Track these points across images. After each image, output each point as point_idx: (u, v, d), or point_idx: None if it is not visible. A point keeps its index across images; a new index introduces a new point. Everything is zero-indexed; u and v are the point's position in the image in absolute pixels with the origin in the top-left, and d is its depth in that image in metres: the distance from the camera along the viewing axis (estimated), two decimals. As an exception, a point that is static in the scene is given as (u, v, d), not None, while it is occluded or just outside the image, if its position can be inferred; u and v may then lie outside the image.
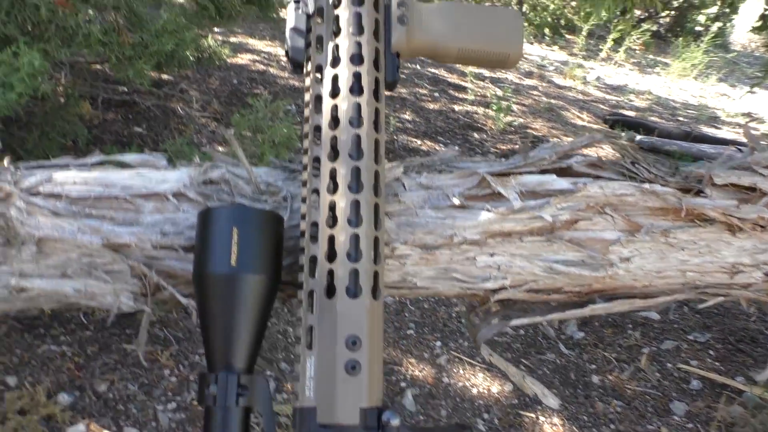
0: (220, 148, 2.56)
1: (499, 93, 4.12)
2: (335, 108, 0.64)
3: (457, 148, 0.77)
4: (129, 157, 0.73)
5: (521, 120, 3.72)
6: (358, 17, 0.66)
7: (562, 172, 0.76)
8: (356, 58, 0.65)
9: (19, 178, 0.65)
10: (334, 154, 0.63)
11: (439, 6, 0.70)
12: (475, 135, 3.34)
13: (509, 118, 3.63)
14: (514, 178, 0.73)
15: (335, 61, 0.65)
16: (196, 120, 2.72)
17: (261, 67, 3.63)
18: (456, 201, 0.69)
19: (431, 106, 3.65)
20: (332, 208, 0.61)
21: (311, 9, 0.66)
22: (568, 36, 6.82)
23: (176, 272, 0.66)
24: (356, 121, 0.63)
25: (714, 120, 4.89)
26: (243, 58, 3.68)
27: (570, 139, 3.47)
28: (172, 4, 2.13)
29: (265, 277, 0.59)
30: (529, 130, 3.57)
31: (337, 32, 0.66)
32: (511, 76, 5.00)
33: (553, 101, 4.37)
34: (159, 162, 0.73)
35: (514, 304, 0.79)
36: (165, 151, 1.95)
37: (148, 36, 1.76)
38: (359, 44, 0.65)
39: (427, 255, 0.70)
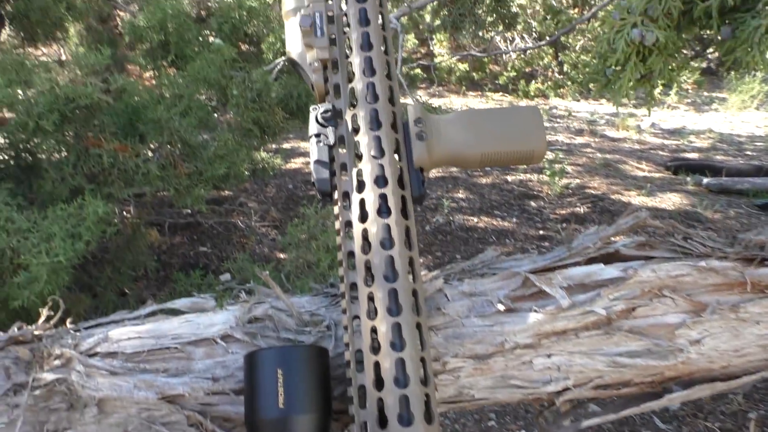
0: (282, 255, 2.63)
1: (551, 156, 4.09)
2: (365, 232, 0.64)
3: (497, 249, 0.75)
4: (179, 303, 0.75)
5: (578, 181, 3.65)
6: (378, 140, 0.67)
7: (610, 258, 0.73)
8: (380, 180, 0.66)
9: (78, 340, 0.68)
10: (370, 278, 0.63)
11: (456, 116, 0.72)
12: (532, 203, 3.30)
13: (565, 181, 3.57)
14: (560, 273, 0.70)
15: (361, 186, 0.66)
16: (256, 230, 2.81)
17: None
18: (501, 307, 0.67)
19: (483, 180, 3.65)
20: (374, 333, 0.61)
21: (332, 140, 0.69)
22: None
23: (231, 416, 0.66)
24: (388, 242, 0.64)
25: (785, 149, 4.66)
26: (296, 162, 3.83)
27: (633, 193, 3.37)
28: (221, 128, 2.27)
29: (315, 415, 0.59)
30: (587, 190, 3.49)
31: (359, 157, 0.68)
32: (561, 137, 4.97)
33: (608, 156, 4.29)
34: (207, 303, 0.75)
35: (583, 403, 0.74)
36: (228, 269, 2.01)
37: (202, 164, 1.87)
38: (382, 166, 0.66)
39: (481, 365, 0.68)
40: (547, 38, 6.54)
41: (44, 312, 0.74)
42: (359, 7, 0.73)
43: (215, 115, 2.16)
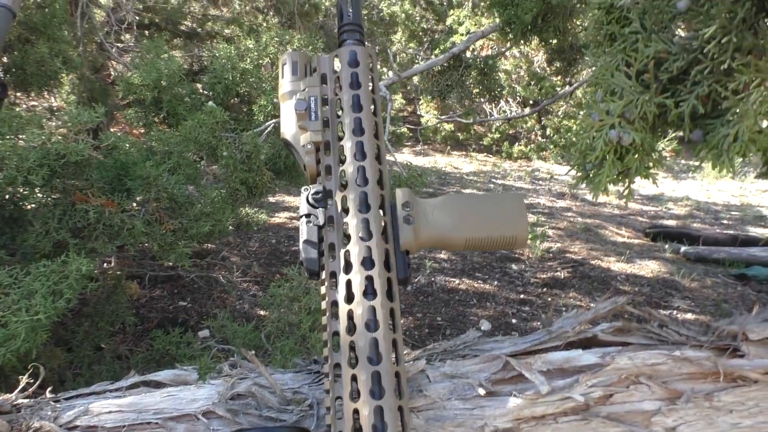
0: (262, 312, 2.61)
1: (533, 219, 4.15)
2: (351, 313, 0.66)
3: (478, 332, 0.76)
4: (162, 375, 0.75)
5: (559, 245, 3.70)
6: (366, 223, 0.70)
7: (588, 342, 0.75)
8: (367, 262, 0.68)
9: (58, 413, 0.68)
10: (354, 360, 0.64)
11: (442, 201, 0.74)
12: (514, 266, 3.33)
13: (546, 245, 3.62)
14: (540, 357, 0.72)
15: (348, 267, 0.68)
16: (237, 286, 2.80)
17: (297, 223, 3.78)
18: (482, 391, 0.68)
19: (467, 241, 3.68)
20: (356, 414, 0.62)
21: (322, 221, 0.71)
22: (594, 153, 6.95)
23: (209, 495, 0.65)
24: (372, 324, 0.65)
25: (760, 219, 4.78)
26: (280, 217, 3.85)
27: (612, 258, 3.42)
28: (207, 183, 2.29)
29: (295, 499, 0.59)
30: (568, 254, 3.54)
31: (347, 239, 0.70)
32: (543, 199, 5.06)
33: (588, 221, 4.37)
34: (190, 376, 0.75)
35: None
36: (209, 327, 1.99)
37: (187, 221, 1.87)
38: (369, 248, 0.68)
39: (461, 447, 0.69)
40: (531, 102, 6.74)
41: (23, 380, 0.74)
42: (353, 93, 0.76)
43: (203, 166, 2.18)
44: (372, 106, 0.77)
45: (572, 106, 6.80)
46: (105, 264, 2.21)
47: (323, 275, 0.70)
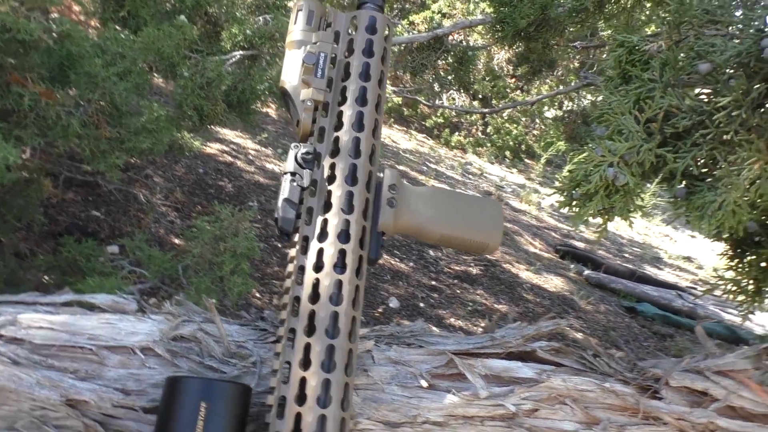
0: (177, 241, 2.53)
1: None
2: (317, 282, 0.65)
3: (423, 321, 0.78)
4: (99, 298, 0.72)
5: (477, 241, 3.81)
6: (350, 196, 0.69)
7: (527, 356, 0.78)
8: (343, 236, 0.67)
9: (-18, 315, 0.63)
10: (311, 329, 0.63)
11: (428, 191, 0.74)
12: (431, 252, 3.40)
13: (466, 239, 3.72)
14: (482, 362, 0.74)
15: (322, 235, 0.67)
16: (156, 208, 2.69)
17: (228, 158, 3.67)
18: (424, 383, 0.70)
19: (392, 217, 3.72)
20: (302, 384, 0.61)
21: (306, 183, 0.69)
22: (527, 160, 7.17)
23: (131, 432, 0.63)
24: (336, 297, 0.65)
25: (657, 260, 5.13)
26: (212, 147, 3.72)
27: (522, 266, 3.57)
28: (157, 97, 2.17)
29: (227, 455, 0.58)
30: (481, 257, 3.65)
31: (328, 207, 0.68)
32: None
33: (508, 225, 4.52)
34: (129, 306, 0.72)
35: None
36: (122, 246, 1.91)
37: (126, 132, 1.77)
38: (348, 222, 0.68)
39: (389, 431, 0.70)
40: (480, 97, 6.83)
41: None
42: (364, 61, 0.74)
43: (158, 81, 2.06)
44: (380, 78, 0.75)
45: (517, 111, 6.96)
46: (26, 158, 2.06)
47: (296, 238, 0.69)
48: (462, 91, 6.13)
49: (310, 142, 0.73)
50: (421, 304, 2.81)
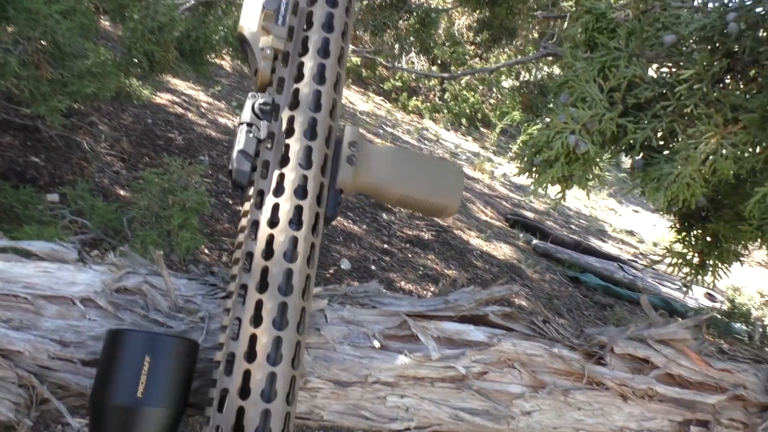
0: (122, 192, 2.44)
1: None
2: (271, 238, 0.63)
3: (379, 283, 0.77)
4: (37, 246, 0.68)
5: (430, 207, 3.83)
6: (309, 151, 0.66)
7: (479, 320, 0.79)
8: (300, 191, 0.65)
9: None
10: (263, 286, 0.61)
11: (388, 150, 0.73)
12: (384, 216, 3.40)
13: (419, 204, 3.73)
14: (434, 324, 0.74)
15: (278, 190, 0.65)
16: (101, 157, 2.58)
17: (179, 110, 3.55)
18: (376, 344, 0.69)
19: (346, 179, 3.69)
20: (252, 341, 0.60)
21: (263, 134, 0.66)
22: (483, 129, 7.22)
23: (69, 385, 0.61)
24: (291, 254, 0.63)
25: (602, 233, 5.28)
26: (162, 98, 3.58)
27: (473, 233, 3.61)
28: (103, 40, 2.06)
29: (171, 411, 0.56)
30: (436, 219, 3.68)
31: (285, 161, 0.66)
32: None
33: (460, 192, 4.56)
34: (69, 255, 0.68)
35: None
36: (63, 194, 1.83)
37: (69, 75, 1.68)
38: (305, 177, 0.65)
39: (339, 390, 0.70)
40: (439, 62, 6.79)
41: None
42: (328, 11, 0.71)
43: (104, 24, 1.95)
44: (343, 30, 0.72)
45: (475, 78, 6.96)
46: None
47: (250, 192, 0.66)
48: (422, 54, 6.08)
49: (268, 92, 0.69)
50: (373, 267, 2.81)
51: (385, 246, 3.06)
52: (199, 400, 0.63)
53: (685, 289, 0.91)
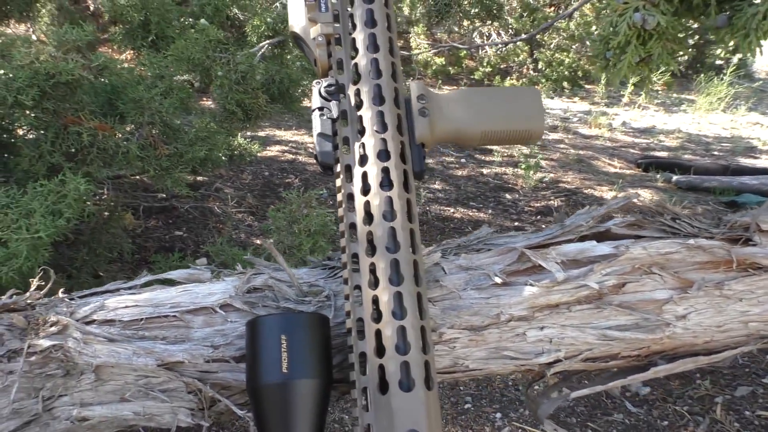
0: (258, 241, 2.61)
1: (526, 151, 4.14)
2: (368, 204, 0.65)
3: (488, 226, 0.77)
4: (175, 274, 0.75)
5: (552, 175, 3.71)
6: (381, 115, 0.68)
7: (602, 236, 0.76)
8: (383, 154, 0.67)
9: (74, 308, 0.68)
10: (372, 249, 0.64)
11: (458, 94, 0.73)
12: (507, 196, 3.34)
13: (539, 175, 3.63)
14: (554, 249, 0.72)
15: (363, 160, 0.67)
16: (232, 216, 2.79)
17: (290, 156, 3.75)
18: (498, 279, 0.69)
19: (459, 172, 3.68)
20: (375, 302, 0.62)
21: (335, 114, 0.69)
22: (587, 86, 6.89)
23: (230, 383, 0.66)
24: (389, 214, 0.65)
25: (751, 150, 4.80)
26: (272, 150, 3.81)
27: (605, 188, 3.44)
28: (202, 110, 2.25)
29: (317, 380, 0.60)
30: (561, 185, 3.55)
31: (362, 132, 0.68)
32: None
33: (581, 152, 4.36)
34: (204, 275, 0.75)
35: (572, 375, 0.77)
36: (206, 253, 2.00)
37: (182, 146, 1.85)
38: (384, 141, 0.67)
39: (476, 336, 0.70)
40: (523, 35, 6.61)
41: (34, 282, 0.73)
42: (363, -18, 0.73)
43: (195, 95, 2.13)
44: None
45: (565, 38, 6.68)
46: (99, 193, 2.19)
47: (338, 169, 0.69)
48: (500, 30, 5.94)
49: (330, 75, 0.73)
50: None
51: (516, 224, 3.00)
52: (345, 375, 0.66)
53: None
